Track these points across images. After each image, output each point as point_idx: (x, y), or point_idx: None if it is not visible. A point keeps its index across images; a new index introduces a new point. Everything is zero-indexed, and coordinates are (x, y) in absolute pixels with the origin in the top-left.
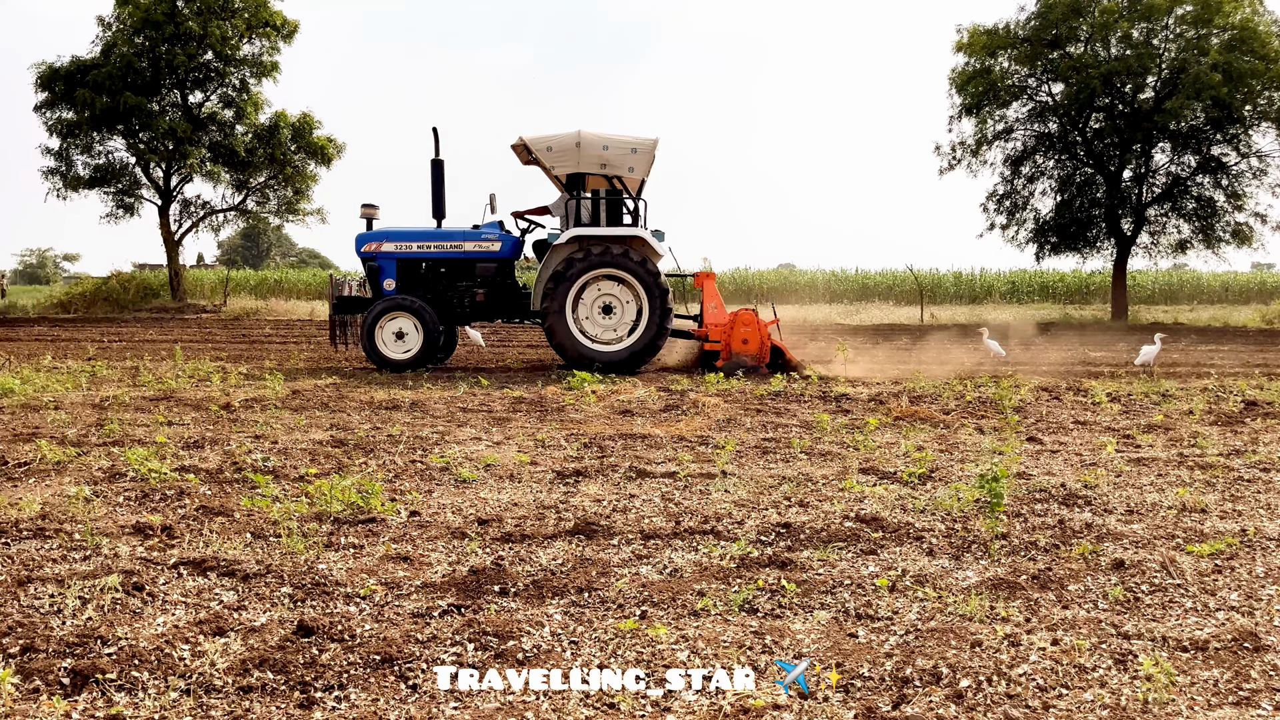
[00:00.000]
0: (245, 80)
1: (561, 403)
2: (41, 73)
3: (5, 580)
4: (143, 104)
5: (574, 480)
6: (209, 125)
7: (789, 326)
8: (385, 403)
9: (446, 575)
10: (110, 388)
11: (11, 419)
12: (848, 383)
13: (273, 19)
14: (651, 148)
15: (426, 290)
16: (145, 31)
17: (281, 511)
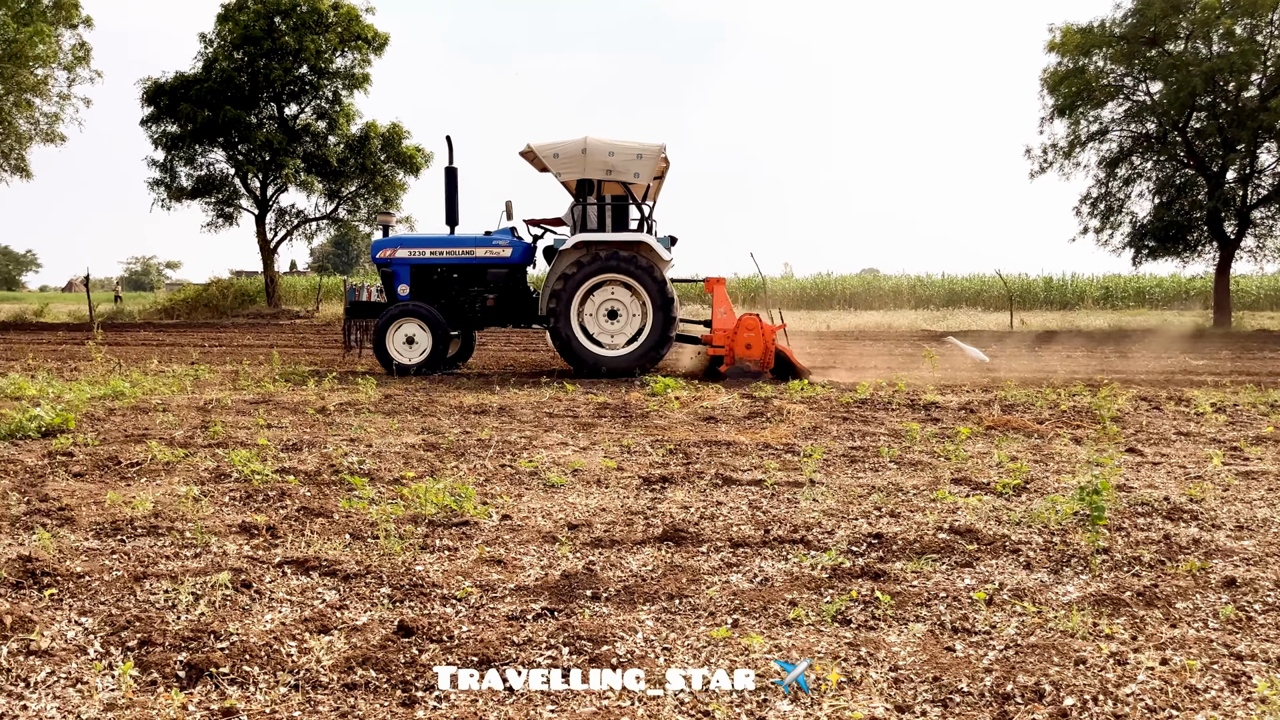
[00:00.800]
0: (338, 92)
1: (645, 409)
2: (148, 88)
3: (123, 576)
4: (241, 117)
5: (660, 486)
6: (303, 136)
7: (874, 333)
8: (474, 407)
9: (539, 579)
10: (213, 390)
11: (123, 420)
12: (935, 391)
13: (364, 32)
14: (657, 153)
15: (440, 296)
16: (244, 47)
17: (378, 513)
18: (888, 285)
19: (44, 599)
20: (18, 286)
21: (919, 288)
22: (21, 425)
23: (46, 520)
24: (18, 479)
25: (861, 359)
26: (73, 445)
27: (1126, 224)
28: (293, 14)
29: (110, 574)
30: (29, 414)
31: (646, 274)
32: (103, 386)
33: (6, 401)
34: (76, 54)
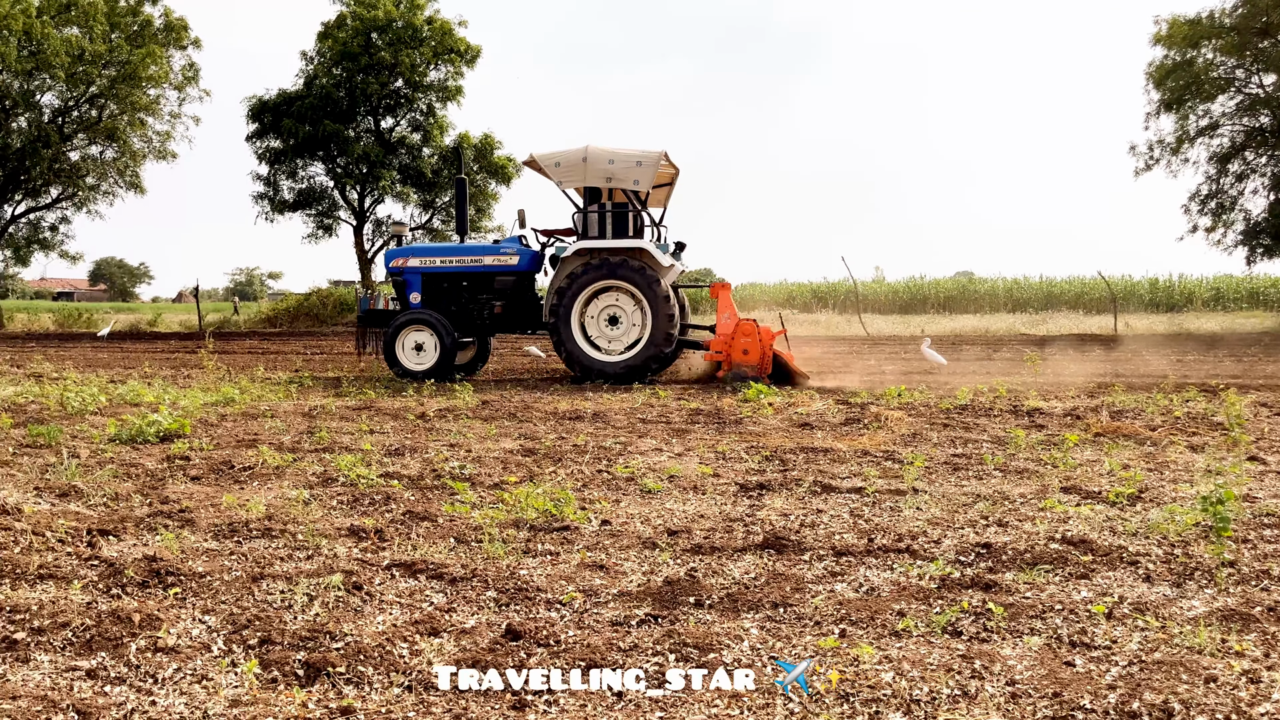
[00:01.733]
0: (432, 105)
1: (738, 415)
2: (252, 106)
3: (241, 576)
4: (340, 131)
5: (758, 493)
6: (399, 148)
7: (969, 337)
8: (568, 413)
9: (642, 585)
10: (316, 397)
11: (234, 426)
12: (1039, 396)
13: (457, 45)
14: (656, 160)
15: (450, 303)
16: (343, 63)
17: (481, 518)
18: (983, 288)
19: (169, 598)
20: (132, 298)
21: (1016, 290)
22: (141, 430)
23: (168, 522)
24: (140, 482)
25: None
26: (189, 450)
27: (1240, 222)
28: (389, 30)
29: (229, 574)
30: (148, 419)
31: (645, 281)
32: (214, 393)
33: (126, 407)
34: (186, 74)
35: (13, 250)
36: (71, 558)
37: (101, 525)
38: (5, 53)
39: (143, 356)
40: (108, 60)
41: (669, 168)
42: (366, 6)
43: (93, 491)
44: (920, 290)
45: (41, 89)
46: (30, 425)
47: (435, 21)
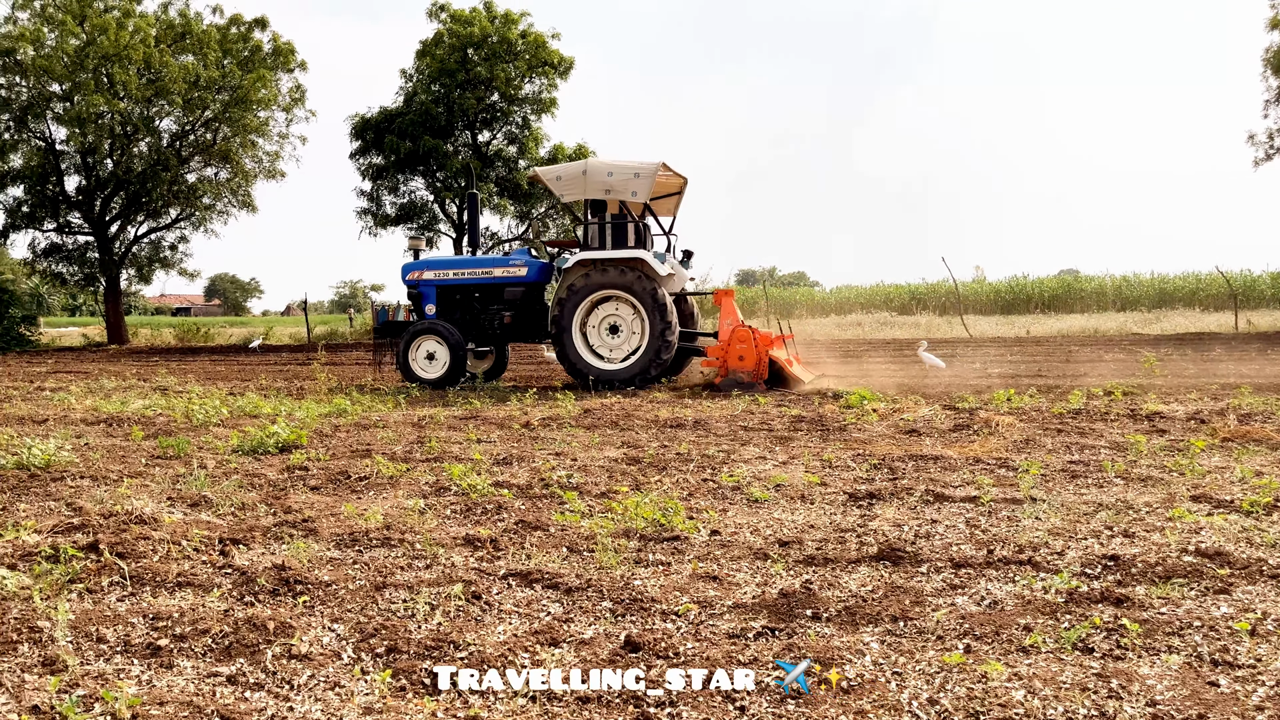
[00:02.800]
0: (527, 117)
1: (842, 421)
2: (355, 124)
3: (365, 585)
4: (439, 146)
5: (868, 503)
6: (495, 161)
7: (1077, 338)
8: (669, 421)
9: (756, 597)
10: (424, 407)
11: (348, 436)
12: (1158, 399)
13: (550, 58)
14: (653, 172)
15: (462, 314)
16: (441, 79)
17: (591, 527)
18: (1090, 287)
19: (299, 606)
20: (244, 312)
21: (1125, 288)
22: (262, 442)
23: (293, 531)
24: (264, 492)
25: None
26: (307, 460)
27: None
28: (484, 45)
29: (354, 583)
30: (268, 431)
31: (643, 290)
32: (327, 404)
33: (246, 419)
34: (293, 96)
35: (136, 269)
36: (206, 566)
37: (232, 534)
38: (127, 81)
39: (258, 369)
40: (221, 85)
41: (675, 177)
42: (463, 24)
43: (221, 501)
44: (1023, 290)
45: (160, 115)
46: (160, 437)
47: (529, 35)
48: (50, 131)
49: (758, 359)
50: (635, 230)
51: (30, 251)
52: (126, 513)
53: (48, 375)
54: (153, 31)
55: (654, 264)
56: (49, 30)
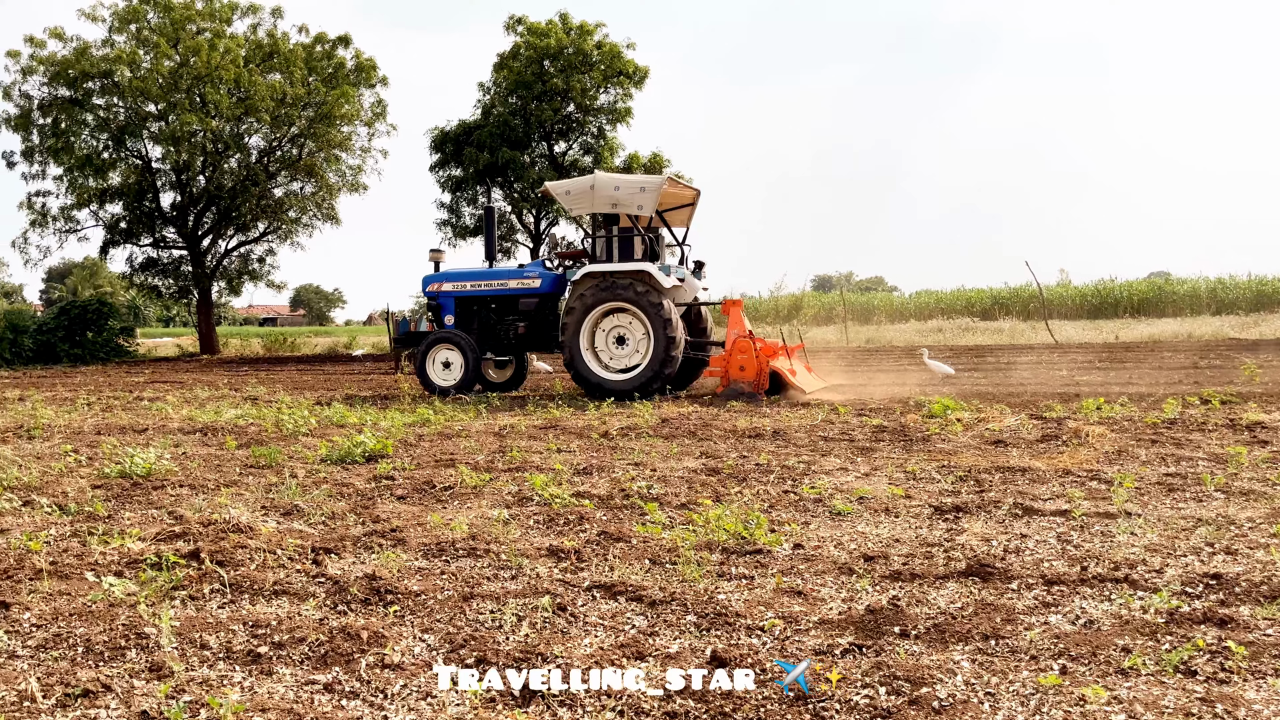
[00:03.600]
0: (602, 127)
1: (925, 432)
2: (435, 137)
3: (453, 596)
4: (516, 158)
5: (954, 516)
6: (571, 172)
7: (1169, 343)
8: (748, 431)
9: (842, 613)
10: (504, 417)
11: (432, 446)
12: (1259, 408)
13: (625, 68)
14: (659, 185)
15: (479, 324)
16: (518, 91)
17: (673, 539)
18: (1182, 290)
19: (390, 615)
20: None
21: (1220, 291)
22: (349, 451)
23: (382, 541)
24: (353, 501)
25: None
26: (393, 470)
27: None
28: (560, 56)
29: (442, 593)
30: (355, 440)
31: (646, 301)
32: (411, 414)
33: (333, 429)
34: (375, 111)
35: (226, 281)
36: (301, 575)
37: (324, 543)
38: (218, 100)
39: (343, 379)
40: (306, 102)
41: (687, 190)
42: (539, 36)
43: (312, 510)
44: (1110, 293)
45: (249, 132)
46: (253, 447)
47: (604, 46)
48: (147, 150)
49: (758, 369)
50: (642, 243)
51: (128, 265)
52: (224, 521)
53: (145, 385)
54: (242, 52)
55: (659, 276)
56: (145, 53)
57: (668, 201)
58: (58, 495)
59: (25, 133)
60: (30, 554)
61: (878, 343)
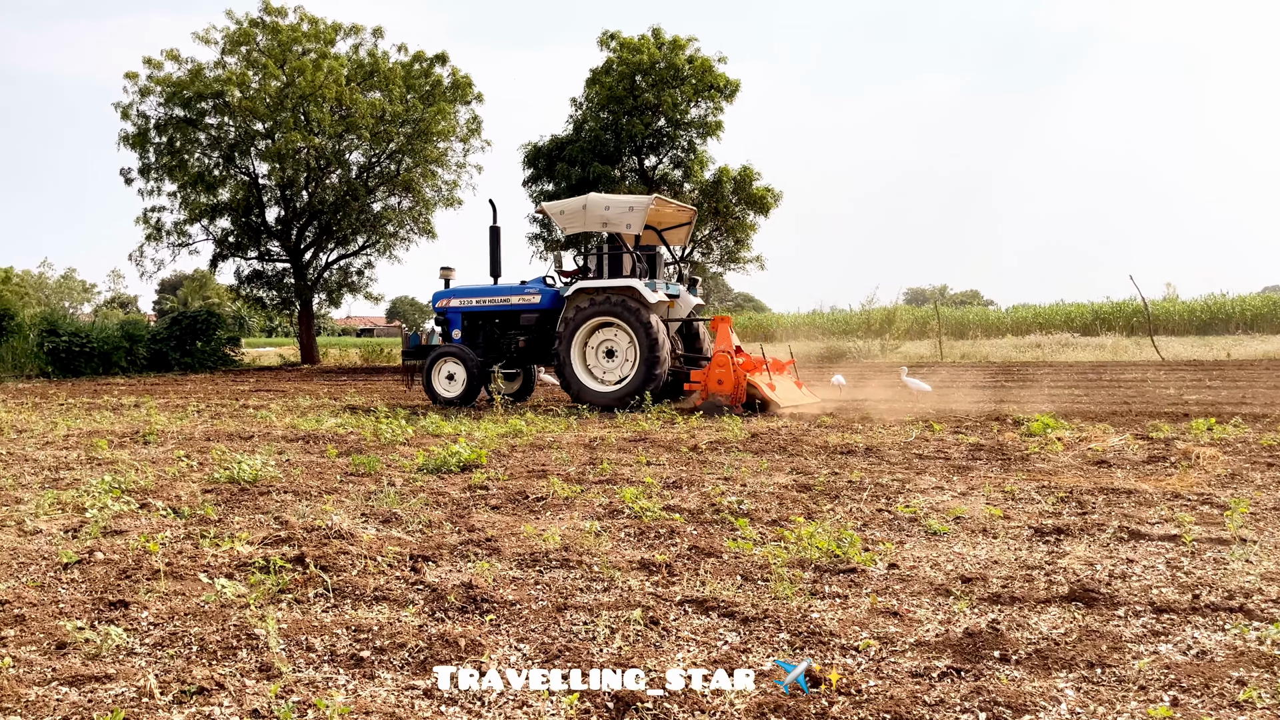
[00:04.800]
0: (692, 141)
1: (1024, 450)
2: (528, 152)
3: (547, 606)
4: (607, 172)
5: (1055, 538)
6: (661, 186)
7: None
8: (840, 447)
9: (940, 635)
10: (594, 429)
11: (524, 456)
12: None
13: (716, 81)
14: (646, 205)
15: (484, 338)
16: (609, 106)
17: (764, 555)
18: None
19: (485, 624)
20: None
21: None
22: (445, 461)
23: (478, 550)
24: (448, 510)
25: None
26: (487, 480)
27: None
28: (652, 71)
29: (536, 603)
30: (450, 450)
31: (634, 317)
32: (503, 425)
33: (429, 438)
34: (470, 127)
35: (326, 293)
36: (400, 582)
37: (421, 551)
38: (321, 119)
39: None
40: (404, 119)
41: (683, 210)
42: (631, 51)
43: (410, 518)
44: (1221, 308)
45: (350, 149)
46: (353, 455)
47: (696, 60)
48: (254, 167)
49: (735, 383)
50: (631, 260)
51: (235, 278)
52: (327, 527)
53: (250, 393)
54: (344, 71)
55: (645, 292)
56: (254, 73)
57: (665, 221)
58: (171, 499)
59: (142, 151)
60: (147, 555)
61: (973, 358)
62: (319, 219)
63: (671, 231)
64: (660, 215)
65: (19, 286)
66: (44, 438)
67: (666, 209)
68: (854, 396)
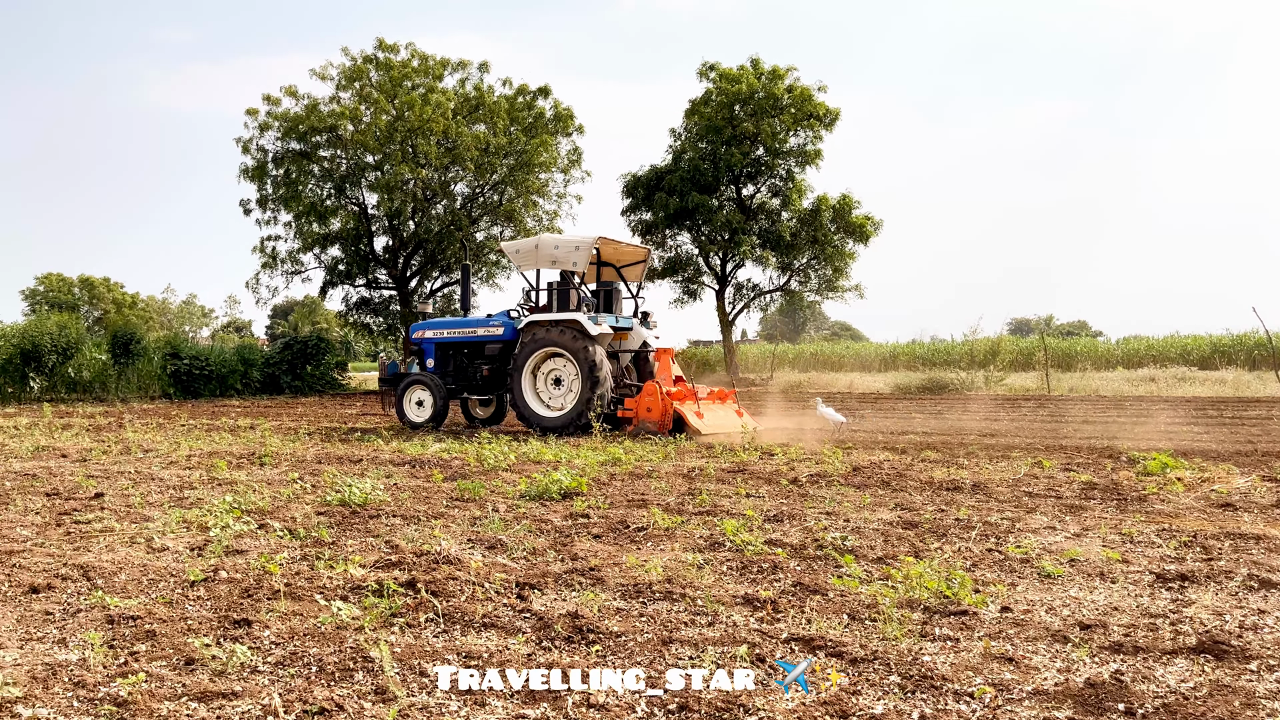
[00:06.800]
0: (791, 170)
1: (1141, 490)
2: (627, 182)
3: (652, 639)
4: (705, 201)
5: (1179, 586)
6: (759, 214)
7: None
8: (945, 483)
9: (1059, 684)
10: (692, 459)
11: (623, 485)
12: None
13: (816, 110)
14: (590, 244)
15: (454, 367)
16: (708, 136)
17: (871, 594)
18: None
19: (592, 655)
20: None
21: None
22: (546, 488)
23: (582, 579)
24: (551, 538)
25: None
26: (588, 508)
27: None
28: (751, 101)
29: (641, 635)
30: (552, 478)
31: (578, 348)
32: (602, 453)
33: (530, 465)
34: (571, 158)
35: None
36: (507, 608)
37: (526, 579)
38: (428, 151)
39: None
40: (508, 151)
41: (638, 250)
42: (730, 81)
43: (514, 545)
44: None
45: (455, 180)
46: (458, 480)
47: (795, 89)
48: (363, 198)
49: (663, 410)
50: (576, 296)
51: (344, 304)
52: (435, 552)
53: (357, 417)
54: (451, 105)
55: (587, 324)
56: (365, 108)
57: (623, 259)
58: (287, 520)
59: (260, 183)
60: (267, 575)
61: (1082, 391)
62: (424, 248)
63: (629, 269)
64: (618, 254)
65: (144, 311)
66: (168, 457)
67: (622, 248)
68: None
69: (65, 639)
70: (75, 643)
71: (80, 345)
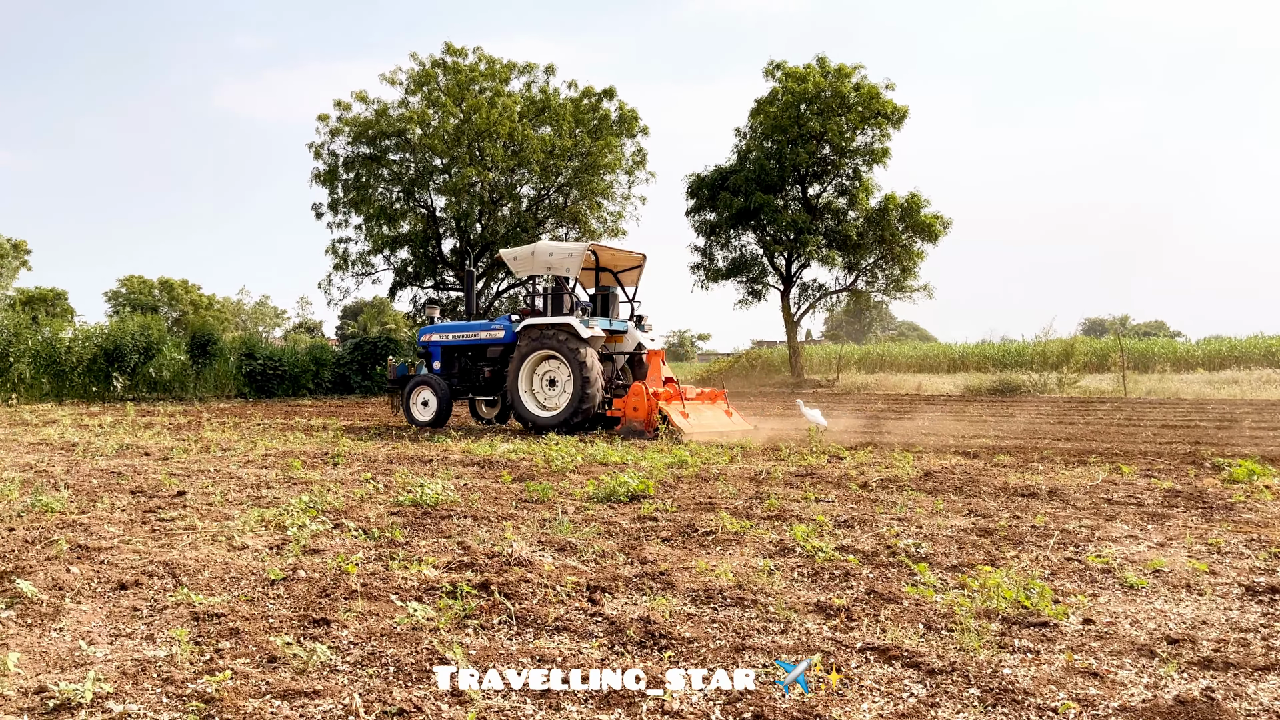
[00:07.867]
0: (858, 169)
1: (1228, 498)
2: (691, 183)
3: (724, 645)
4: (770, 201)
5: (1270, 599)
6: (824, 214)
7: None
8: (1020, 489)
9: (1147, 701)
10: (758, 461)
11: (690, 488)
12: None
13: (884, 108)
14: (582, 252)
15: (459, 369)
16: (773, 136)
17: (948, 603)
18: None
19: (664, 660)
20: None
21: None
22: (614, 490)
23: (652, 584)
24: (620, 541)
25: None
26: (655, 511)
27: None
28: (817, 100)
29: (714, 642)
30: (619, 480)
31: (570, 350)
32: (668, 455)
33: (597, 466)
34: (635, 159)
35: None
36: (579, 612)
37: (597, 582)
38: (494, 154)
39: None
40: (573, 153)
41: (632, 255)
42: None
43: (584, 548)
44: None
45: (521, 183)
46: (527, 482)
47: (863, 88)
48: (432, 200)
49: (649, 410)
50: (570, 300)
51: (411, 305)
52: (507, 554)
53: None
54: (517, 108)
55: (579, 327)
56: (434, 112)
57: (619, 264)
58: (362, 520)
59: (331, 187)
60: (344, 575)
61: (1160, 393)
62: (491, 249)
63: (625, 274)
64: (615, 259)
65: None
66: (245, 456)
67: (618, 254)
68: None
69: (153, 635)
70: (162, 639)
71: (161, 346)
